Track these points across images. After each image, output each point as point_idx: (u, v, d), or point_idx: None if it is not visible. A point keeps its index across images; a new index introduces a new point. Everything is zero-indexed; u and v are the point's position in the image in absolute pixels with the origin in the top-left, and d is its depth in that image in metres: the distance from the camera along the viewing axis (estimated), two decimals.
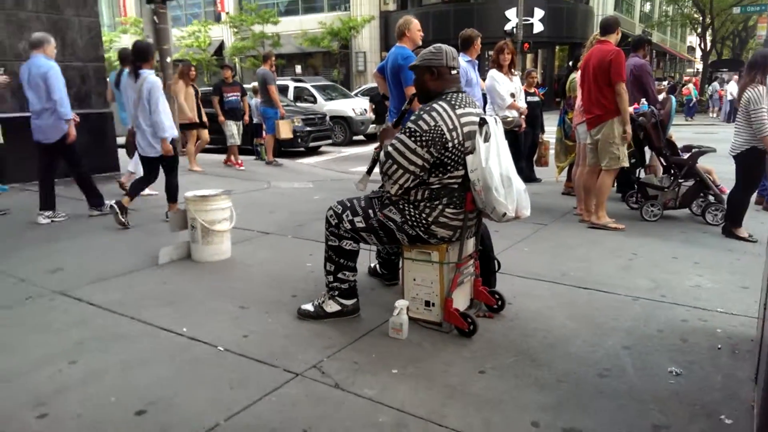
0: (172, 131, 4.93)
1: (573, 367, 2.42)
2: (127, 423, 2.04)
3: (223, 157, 9.11)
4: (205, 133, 8.46)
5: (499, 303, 3.01)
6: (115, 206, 4.91)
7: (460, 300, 2.87)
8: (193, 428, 2.00)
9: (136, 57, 4.96)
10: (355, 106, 13.78)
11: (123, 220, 4.90)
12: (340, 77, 26.08)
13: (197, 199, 3.97)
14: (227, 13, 28.45)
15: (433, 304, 2.79)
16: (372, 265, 3.55)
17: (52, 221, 5.17)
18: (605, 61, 4.58)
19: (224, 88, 8.70)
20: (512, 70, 6.22)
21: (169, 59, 9.45)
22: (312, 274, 3.61)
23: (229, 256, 4.06)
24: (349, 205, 2.82)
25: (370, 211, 2.76)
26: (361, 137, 14.07)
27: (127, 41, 29.90)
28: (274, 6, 28.49)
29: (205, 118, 8.28)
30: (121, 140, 7.43)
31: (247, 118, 9.09)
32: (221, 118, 8.57)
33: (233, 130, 8.68)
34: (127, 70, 5.43)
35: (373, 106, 10.13)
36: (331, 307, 2.90)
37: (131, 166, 6.29)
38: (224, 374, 2.38)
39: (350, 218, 2.78)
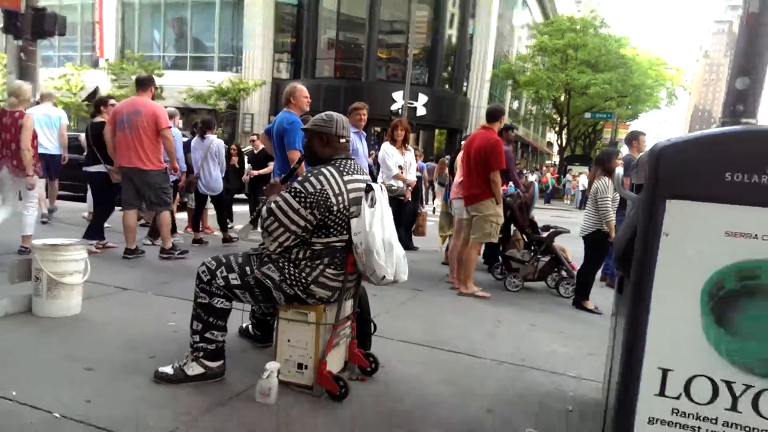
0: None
1: None
2: None
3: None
4: None
5: (373, 365, 2.98)
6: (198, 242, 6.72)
7: (335, 362, 2.80)
8: None
9: (206, 126, 6.82)
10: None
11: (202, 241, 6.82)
12: (224, 136, 25.62)
13: (46, 247, 3.56)
14: (107, 60, 27.14)
15: (306, 367, 2.69)
16: (244, 325, 3.38)
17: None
18: (486, 149, 4.99)
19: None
20: (406, 145, 6.61)
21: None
22: (175, 334, 3.33)
23: (78, 312, 3.63)
24: (224, 261, 2.69)
25: (247, 268, 2.66)
26: (243, 195, 13.72)
27: None
28: (161, 59, 27.73)
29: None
30: None
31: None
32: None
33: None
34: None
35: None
36: (194, 369, 2.68)
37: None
38: None
39: (224, 275, 2.65)
